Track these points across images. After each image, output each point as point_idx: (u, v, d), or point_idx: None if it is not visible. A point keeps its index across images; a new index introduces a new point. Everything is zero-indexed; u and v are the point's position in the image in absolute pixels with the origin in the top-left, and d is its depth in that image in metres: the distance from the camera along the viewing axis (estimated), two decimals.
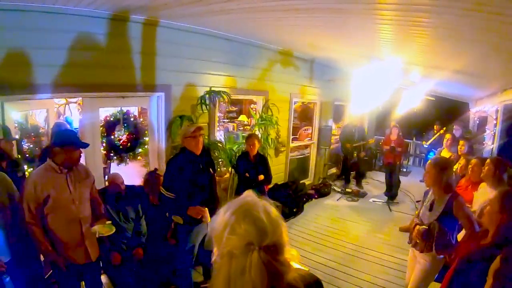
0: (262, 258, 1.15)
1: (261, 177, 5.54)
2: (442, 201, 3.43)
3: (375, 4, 3.16)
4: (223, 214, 1.26)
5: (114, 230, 3.41)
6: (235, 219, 1.21)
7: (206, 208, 3.93)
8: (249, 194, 1.33)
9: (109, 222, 3.47)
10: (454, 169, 5.06)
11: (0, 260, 2.98)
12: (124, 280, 4.12)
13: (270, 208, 1.28)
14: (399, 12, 3.29)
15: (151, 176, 4.71)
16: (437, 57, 5.38)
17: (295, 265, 1.33)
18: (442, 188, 3.45)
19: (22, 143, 4.54)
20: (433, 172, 3.48)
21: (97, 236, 3.34)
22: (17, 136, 4.48)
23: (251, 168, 5.52)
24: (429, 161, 3.69)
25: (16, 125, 4.65)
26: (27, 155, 4.56)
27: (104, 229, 3.37)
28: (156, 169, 4.95)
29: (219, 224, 1.25)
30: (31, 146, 4.70)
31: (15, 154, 4.06)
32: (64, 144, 3.14)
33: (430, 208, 3.54)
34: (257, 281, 1.13)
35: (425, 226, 3.48)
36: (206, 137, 5.70)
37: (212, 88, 5.74)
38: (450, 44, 4.27)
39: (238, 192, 4.87)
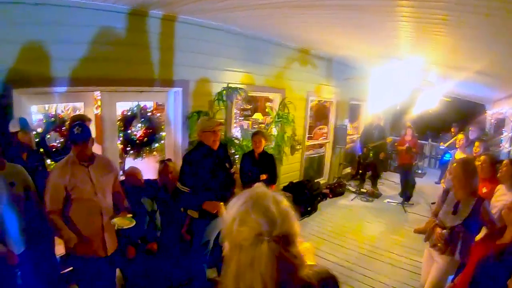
0: (273, 249, 1.12)
1: (263, 176, 5.28)
2: (468, 204, 3.36)
3: (394, 0, 3.11)
4: (233, 206, 1.24)
5: (134, 223, 3.41)
6: (244, 210, 1.20)
7: (222, 203, 3.92)
8: (258, 186, 1.31)
9: (130, 215, 3.47)
10: None
11: (12, 252, 3.02)
12: (137, 274, 4.13)
13: (280, 198, 1.25)
14: (418, 9, 3.24)
15: (165, 166, 4.72)
16: (458, 57, 5.29)
17: (309, 260, 1.31)
18: (469, 192, 3.39)
19: (45, 136, 4.56)
20: (462, 175, 3.41)
21: (116, 228, 3.35)
22: (39, 129, 4.51)
23: (254, 167, 5.36)
24: (456, 163, 3.63)
25: (42, 117, 4.69)
26: (54, 149, 4.58)
27: (124, 222, 3.37)
28: (169, 159, 4.96)
29: (229, 216, 1.23)
30: (59, 139, 4.72)
31: (35, 146, 4.11)
32: (70, 140, 3.21)
33: (454, 212, 3.47)
34: (266, 274, 1.11)
35: (446, 230, 3.42)
36: (223, 133, 5.70)
37: (230, 85, 5.73)
38: (471, 44, 4.20)
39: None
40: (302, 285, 1.20)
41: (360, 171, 9.83)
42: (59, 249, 3.78)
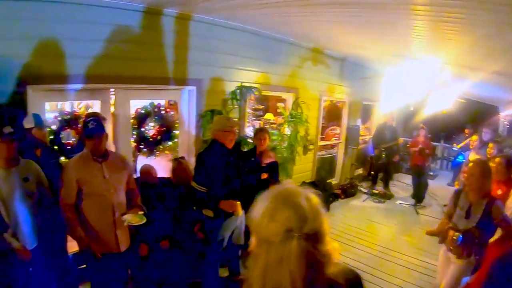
0: (302, 246, 1.10)
1: (264, 175, 5.09)
2: (480, 206, 3.33)
3: None
4: (262, 202, 1.22)
5: (144, 220, 3.41)
6: (275, 205, 1.18)
7: (238, 202, 3.91)
8: (288, 182, 1.30)
9: (141, 212, 3.48)
10: None
11: (25, 248, 3.04)
12: (149, 272, 4.14)
13: (311, 195, 1.24)
14: (433, 7, 3.20)
15: (178, 164, 4.72)
16: (474, 57, 5.23)
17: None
18: (482, 193, 3.35)
19: (60, 133, 4.60)
20: (478, 175, 3.36)
21: (125, 224, 3.35)
22: (54, 126, 4.55)
23: (255, 165, 5.18)
24: (473, 162, 3.60)
25: (57, 114, 4.73)
26: (68, 146, 4.62)
27: (135, 218, 3.37)
28: (183, 157, 4.97)
29: (258, 211, 1.21)
30: (73, 137, 4.76)
31: (50, 143, 4.14)
32: (85, 134, 3.24)
33: (467, 215, 3.43)
34: (295, 271, 1.09)
35: (459, 234, 3.38)
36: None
37: (243, 84, 5.73)
38: (489, 43, 4.14)
39: None
40: (329, 284, 1.18)
41: (372, 172, 9.78)
42: (72, 246, 3.79)
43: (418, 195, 8.72)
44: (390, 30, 4.56)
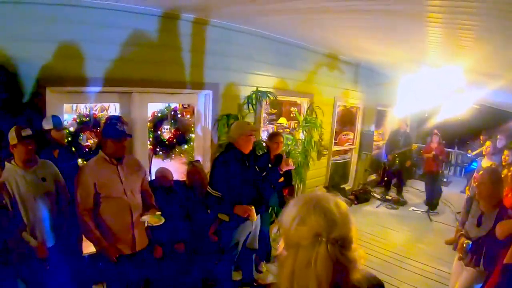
0: (329, 251, 1.12)
1: (281, 179, 5.11)
2: (492, 215, 3.30)
3: (425, 6, 3.08)
4: (293, 206, 1.25)
5: (163, 220, 3.45)
6: (306, 210, 1.20)
7: (253, 207, 3.93)
8: (319, 189, 1.33)
9: (159, 213, 3.51)
10: None
11: (43, 245, 3.12)
12: (163, 274, 4.18)
13: (340, 203, 1.26)
14: (449, 15, 3.19)
15: (193, 167, 4.74)
16: (492, 64, 5.17)
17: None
18: (494, 202, 3.32)
19: (79, 135, 4.66)
20: (489, 183, 3.33)
21: (146, 225, 3.40)
22: (71, 128, 4.60)
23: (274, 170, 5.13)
24: (483, 170, 3.57)
25: (75, 117, 4.79)
26: (87, 148, 4.68)
27: (154, 219, 3.41)
28: (197, 160, 5.00)
29: (289, 215, 1.24)
30: (92, 139, 4.83)
31: (67, 144, 4.21)
32: (110, 136, 3.21)
33: (478, 223, 3.41)
34: (322, 275, 1.11)
35: (468, 241, 3.37)
36: None
37: (259, 89, 5.76)
38: (508, 51, 4.11)
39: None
40: None
41: (385, 178, 9.73)
42: (87, 246, 3.85)
43: (432, 201, 8.65)
44: (405, 37, 4.55)
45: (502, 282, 2.67)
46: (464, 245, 3.36)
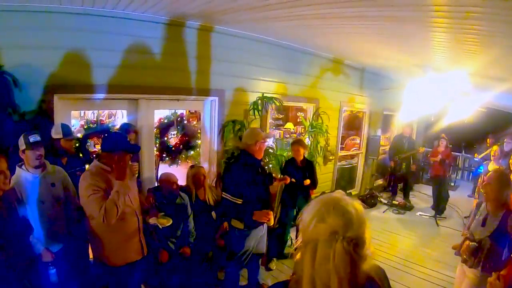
0: (344, 248, 1.23)
1: (307, 181, 5.46)
2: (497, 217, 3.27)
3: (430, 11, 3.09)
4: (315, 205, 1.36)
5: (171, 221, 3.47)
6: (326, 209, 1.32)
7: (271, 212, 3.96)
8: (339, 191, 1.44)
9: (162, 213, 3.53)
10: None
11: (48, 250, 3.13)
12: (168, 278, 4.18)
13: (358, 205, 1.37)
14: (454, 20, 3.20)
15: (197, 169, 4.74)
16: (499, 68, 5.16)
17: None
18: (500, 204, 3.30)
19: (87, 141, 4.70)
20: (496, 184, 3.32)
21: (160, 227, 3.42)
22: (79, 135, 4.60)
23: (297, 173, 5.43)
24: (492, 171, 3.56)
25: (83, 123, 4.84)
26: (94, 154, 4.70)
27: (163, 220, 3.45)
28: (195, 164, 5.03)
29: (309, 213, 1.35)
30: (99, 144, 4.86)
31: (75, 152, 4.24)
32: (114, 149, 3.10)
33: (483, 224, 3.40)
34: (339, 266, 1.23)
35: (474, 243, 3.35)
36: None
37: (265, 94, 5.79)
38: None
39: (283, 197, 4.85)
40: (367, 277, 1.35)
41: (392, 182, 9.70)
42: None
43: (439, 206, 8.58)
44: (411, 42, 4.56)
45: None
46: (471, 245, 3.34)
